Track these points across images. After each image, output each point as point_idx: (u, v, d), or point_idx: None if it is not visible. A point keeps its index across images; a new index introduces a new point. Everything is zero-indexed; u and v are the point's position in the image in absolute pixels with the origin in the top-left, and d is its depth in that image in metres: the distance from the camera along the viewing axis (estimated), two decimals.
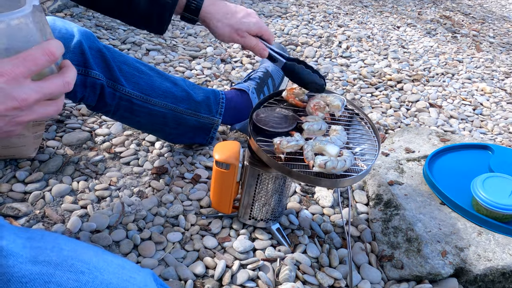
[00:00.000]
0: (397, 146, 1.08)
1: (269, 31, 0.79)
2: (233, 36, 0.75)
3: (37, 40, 0.40)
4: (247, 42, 0.76)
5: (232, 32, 0.75)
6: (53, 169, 0.92)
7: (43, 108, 0.41)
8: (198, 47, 1.55)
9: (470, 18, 2.41)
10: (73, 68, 0.43)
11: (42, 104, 0.41)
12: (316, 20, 1.97)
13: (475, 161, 0.99)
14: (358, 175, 0.67)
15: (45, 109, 0.41)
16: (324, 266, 0.79)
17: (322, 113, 0.76)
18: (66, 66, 0.43)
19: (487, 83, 1.62)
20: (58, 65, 0.44)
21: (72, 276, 0.36)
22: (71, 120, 1.08)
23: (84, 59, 0.82)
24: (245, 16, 0.75)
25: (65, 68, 0.43)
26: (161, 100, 0.92)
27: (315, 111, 0.76)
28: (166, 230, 0.83)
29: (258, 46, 0.77)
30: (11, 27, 0.38)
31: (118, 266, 0.40)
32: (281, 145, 0.68)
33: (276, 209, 0.81)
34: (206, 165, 1.00)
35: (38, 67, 0.39)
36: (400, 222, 0.84)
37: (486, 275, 0.76)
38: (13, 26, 0.38)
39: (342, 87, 1.46)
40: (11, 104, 0.38)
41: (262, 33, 0.77)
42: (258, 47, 0.77)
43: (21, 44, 0.39)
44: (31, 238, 0.39)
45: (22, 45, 0.39)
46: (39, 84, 0.40)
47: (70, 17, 1.58)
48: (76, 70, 0.44)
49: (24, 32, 0.39)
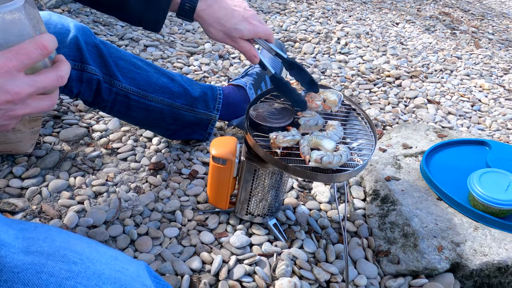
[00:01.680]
0: (395, 142, 1.08)
1: (267, 32, 0.76)
2: (225, 41, 0.75)
3: (30, 34, 0.40)
4: (239, 47, 0.75)
5: (225, 37, 0.74)
6: (50, 165, 0.92)
7: (37, 102, 0.41)
8: (196, 43, 1.55)
9: (469, 14, 2.40)
10: (67, 63, 0.43)
11: (36, 98, 0.41)
12: (315, 16, 1.97)
13: (472, 157, 0.99)
14: (354, 170, 0.67)
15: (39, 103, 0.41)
16: (320, 261, 0.80)
17: (319, 101, 0.76)
18: (60, 60, 0.43)
19: (485, 80, 1.61)
20: (52, 60, 0.44)
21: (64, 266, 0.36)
22: (68, 116, 1.08)
23: (80, 54, 0.82)
24: (241, 21, 0.73)
25: (58, 62, 0.43)
26: (158, 96, 0.92)
27: (312, 102, 0.76)
28: (163, 225, 0.83)
29: (250, 53, 0.75)
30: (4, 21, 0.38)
31: (111, 257, 0.40)
32: (277, 139, 0.68)
33: (273, 204, 0.81)
34: (204, 161, 1.00)
35: (31, 60, 0.39)
36: (397, 217, 0.84)
37: (482, 270, 0.76)
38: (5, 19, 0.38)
39: (341, 83, 1.45)
40: (4, 98, 0.38)
41: (258, 36, 0.76)
42: (250, 53, 0.75)
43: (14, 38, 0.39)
44: (24, 229, 0.39)
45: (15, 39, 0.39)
46: (32, 77, 0.40)
47: (68, 13, 1.58)
48: (69, 64, 0.44)
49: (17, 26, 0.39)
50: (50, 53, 0.41)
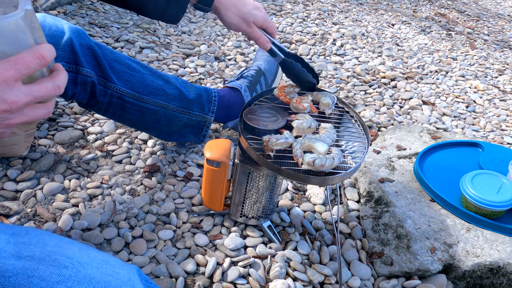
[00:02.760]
0: (389, 143, 1.09)
1: (273, 25, 0.83)
2: (240, 25, 0.80)
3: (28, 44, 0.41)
4: (253, 32, 0.80)
5: (241, 22, 0.79)
6: (44, 168, 0.92)
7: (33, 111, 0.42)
8: (192, 45, 1.55)
9: (465, 15, 2.41)
10: (64, 72, 0.44)
11: (33, 107, 0.42)
12: (311, 17, 1.97)
13: (465, 159, 0.99)
14: (347, 172, 0.68)
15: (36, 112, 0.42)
16: (314, 263, 0.80)
17: (307, 103, 0.77)
18: (57, 69, 0.44)
19: (480, 81, 1.62)
20: (49, 69, 0.44)
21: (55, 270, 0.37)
22: (63, 118, 1.08)
23: (74, 57, 0.82)
24: (254, 8, 0.80)
25: (56, 71, 0.43)
26: (152, 98, 0.92)
27: (299, 104, 0.77)
28: (157, 228, 0.83)
29: (262, 38, 0.81)
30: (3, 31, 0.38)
31: (101, 261, 0.40)
32: (270, 142, 0.68)
33: (267, 206, 0.81)
34: (199, 163, 1.00)
35: (29, 70, 0.39)
36: (390, 219, 0.85)
37: (474, 271, 0.76)
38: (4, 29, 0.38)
39: (336, 84, 1.46)
40: (1, 107, 0.38)
41: (266, 25, 0.82)
42: (262, 39, 0.81)
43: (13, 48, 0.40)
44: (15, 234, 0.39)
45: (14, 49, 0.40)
46: (29, 87, 0.40)
47: (63, 15, 1.58)
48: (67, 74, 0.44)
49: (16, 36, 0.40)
50: (48, 63, 0.41)
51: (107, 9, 1.69)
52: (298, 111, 0.78)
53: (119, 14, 1.68)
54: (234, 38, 1.66)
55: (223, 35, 1.67)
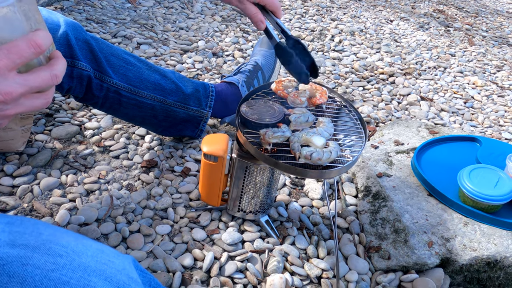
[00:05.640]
0: (387, 138, 1.09)
1: (275, 2, 0.72)
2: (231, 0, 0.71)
3: (23, 30, 0.39)
4: (246, 9, 0.71)
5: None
6: (41, 163, 0.92)
7: (30, 101, 0.40)
8: (189, 41, 1.55)
9: (464, 12, 2.41)
10: (63, 60, 0.42)
11: (30, 97, 0.40)
12: (309, 13, 1.97)
13: (463, 153, 0.99)
14: (344, 166, 0.67)
15: (33, 101, 0.40)
16: (312, 258, 0.80)
17: (304, 97, 0.76)
18: (55, 57, 0.42)
19: (478, 77, 1.62)
20: (47, 56, 0.42)
21: (49, 259, 0.37)
22: (60, 113, 1.08)
23: (70, 50, 0.82)
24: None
25: (54, 59, 0.41)
26: (149, 92, 0.92)
27: (296, 98, 0.76)
28: (155, 222, 0.83)
29: (256, 17, 0.71)
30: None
31: (97, 250, 0.40)
32: (267, 135, 0.68)
33: (265, 201, 0.81)
34: (196, 158, 1.00)
35: (23, 59, 0.38)
36: (388, 213, 0.85)
37: (471, 265, 0.77)
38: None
39: (334, 80, 1.46)
40: None
41: (265, 2, 0.72)
42: (256, 17, 0.71)
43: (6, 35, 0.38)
44: (10, 223, 0.39)
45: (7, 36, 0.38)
46: (25, 77, 0.38)
47: (61, 10, 1.57)
48: (65, 61, 0.42)
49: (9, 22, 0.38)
50: (43, 52, 0.39)
51: (104, 5, 1.68)
52: (296, 105, 0.78)
53: (116, 10, 1.67)
54: (232, 34, 1.65)
55: (221, 31, 1.67)
